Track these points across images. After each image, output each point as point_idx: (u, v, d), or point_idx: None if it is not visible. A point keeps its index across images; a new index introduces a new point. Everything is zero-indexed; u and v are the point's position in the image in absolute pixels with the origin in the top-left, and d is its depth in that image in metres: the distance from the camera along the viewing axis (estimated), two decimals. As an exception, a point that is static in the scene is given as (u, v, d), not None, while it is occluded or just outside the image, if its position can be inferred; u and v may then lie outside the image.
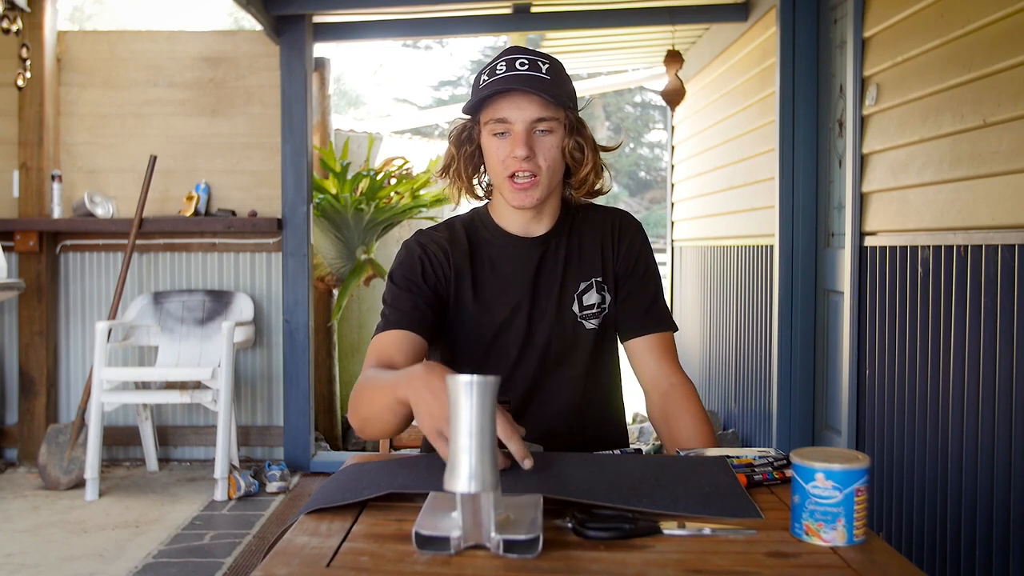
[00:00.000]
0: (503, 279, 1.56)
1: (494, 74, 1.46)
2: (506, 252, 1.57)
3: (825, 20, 3.68)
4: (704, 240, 5.28)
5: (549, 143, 1.47)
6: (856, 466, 0.99)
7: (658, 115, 20.18)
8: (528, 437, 1.52)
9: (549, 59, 1.49)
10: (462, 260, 1.55)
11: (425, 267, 1.53)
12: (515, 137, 1.45)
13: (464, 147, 1.55)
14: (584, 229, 1.61)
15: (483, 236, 1.59)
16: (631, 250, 1.61)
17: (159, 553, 3.10)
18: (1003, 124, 2.23)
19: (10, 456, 4.36)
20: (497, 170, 1.50)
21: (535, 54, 1.49)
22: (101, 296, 4.42)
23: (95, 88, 4.44)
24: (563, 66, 1.52)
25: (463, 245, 1.57)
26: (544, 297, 1.56)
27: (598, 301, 1.58)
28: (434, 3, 4.32)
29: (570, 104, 1.49)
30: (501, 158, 1.48)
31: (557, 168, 1.50)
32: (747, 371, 4.41)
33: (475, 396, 0.93)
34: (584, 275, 1.58)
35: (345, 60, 19.58)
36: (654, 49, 5.52)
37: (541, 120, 1.45)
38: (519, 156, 1.45)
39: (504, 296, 1.55)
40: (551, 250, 1.58)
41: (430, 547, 0.96)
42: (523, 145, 1.44)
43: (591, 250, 1.60)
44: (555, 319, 1.56)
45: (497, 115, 1.46)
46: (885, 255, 2.88)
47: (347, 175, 4.69)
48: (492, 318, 1.55)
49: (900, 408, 2.76)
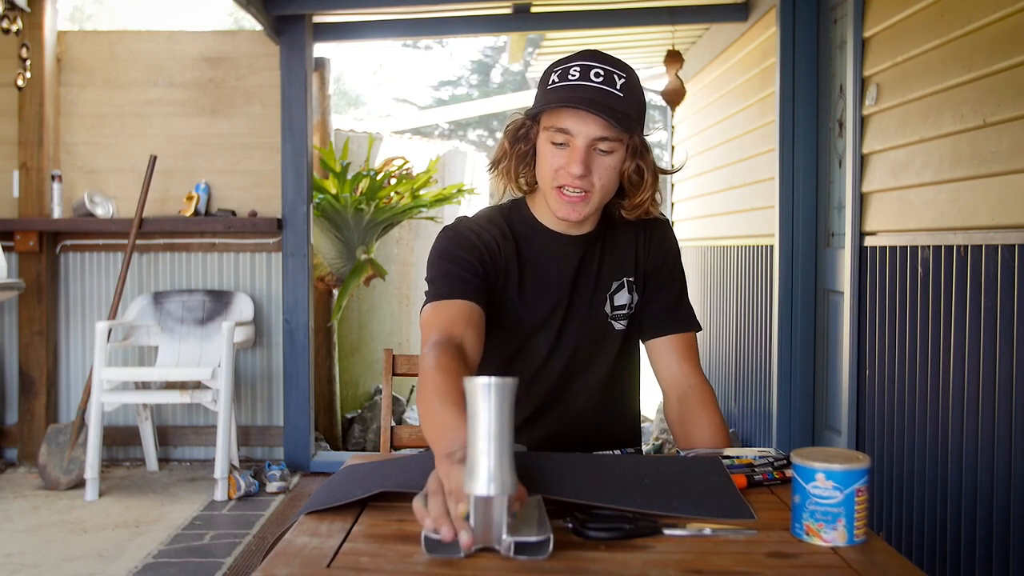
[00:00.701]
0: (545, 277, 1.52)
1: (566, 78, 1.40)
2: (548, 249, 1.53)
3: (825, 20, 3.68)
4: (704, 240, 5.28)
5: (608, 163, 1.42)
6: (856, 466, 0.99)
7: (658, 115, 20.15)
8: (545, 434, 1.52)
9: (627, 72, 1.42)
10: (511, 254, 1.51)
11: (481, 251, 1.47)
12: (574, 152, 1.39)
13: (518, 145, 1.49)
14: (619, 227, 1.57)
15: (524, 232, 1.54)
16: (660, 249, 1.58)
17: (159, 553, 3.09)
18: (1003, 124, 2.23)
19: (10, 456, 4.36)
20: (548, 177, 1.44)
21: (612, 64, 1.42)
22: (101, 296, 4.42)
23: (95, 88, 4.44)
24: (639, 81, 1.45)
25: (510, 239, 1.52)
26: (580, 297, 1.54)
27: (628, 301, 1.56)
28: (434, 3, 4.32)
29: (637, 128, 1.43)
30: (555, 168, 1.42)
31: (611, 189, 1.45)
32: (747, 371, 4.41)
33: (493, 398, 0.92)
34: (617, 274, 1.55)
35: (345, 60, 19.56)
36: (654, 49, 5.52)
37: (604, 140, 1.39)
38: (574, 173, 1.39)
39: (546, 294, 1.52)
40: (591, 250, 1.55)
41: (439, 551, 0.96)
42: (580, 163, 1.39)
43: (625, 249, 1.57)
44: (586, 319, 1.53)
45: (559, 124, 1.40)
46: (885, 255, 2.88)
47: (347, 175, 4.68)
48: (532, 316, 1.51)
49: (900, 408, 2.76)
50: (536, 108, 1.44)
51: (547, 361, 1.53)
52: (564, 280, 1.52)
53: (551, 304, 1.52)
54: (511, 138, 1.50)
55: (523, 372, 1.51)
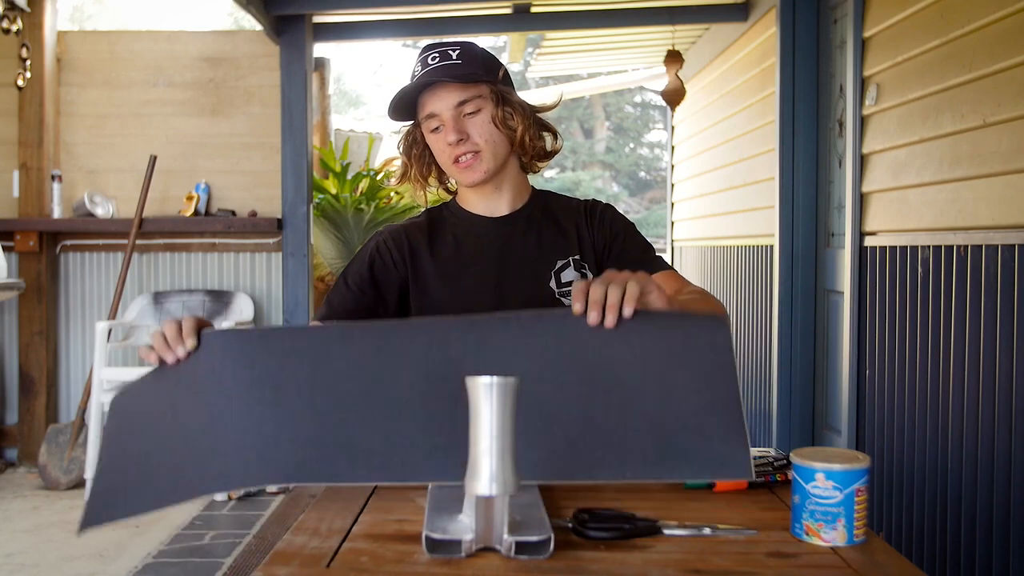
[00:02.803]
0: (466, 255, 1.59)
1: (412, 77, 1.52)
2: (470, 231, 1.61)
3: (825, 20, 3.68)
4: (704, 240, 5.28)
5: (480, 120, 1.51)
6: (856, 466, 0.99)
7: (658, 115, 20.16)
8: None
9: (460, 44, 1.54)
10: (419, 240, 1.59)
11: (375, 260, 1.58)
12: (446, 126, 1.50)
13: (413, 151, 1.61)
14: (558, 212, 1.64)
15: (447, 219, 1.63)
16: (604, 226, 1.62)
17: (159, 553, 3.10)
18: (1003, 124, 2.23)
19: (10, 456, 4.36)
20: (444, 161, 1.56)
21: (444, 44, 1.53)
22: (101, 296, 4.42)
23: (95, 88, 4.44)
24: (475, 45, 1.56)
25: (423, 227, 1.61)
26: (515, 274, 1.58)
27: (577, 278, 1.58)
28: (434, 3, 4.32)
29: (488, 77, 1.52)
30: (441, 149, 1.54)
31: (497, 140, 1.53)
32: (747, 371, 4.41)
33: (495, 398, 0.91)
34: (560, 253, 1.59)
35: (345, 60, 19.57)
36: (654, 49, 5.52)
37: (464, 103, 1.50)
38: (451, 141, 1.50)
39: (467, 271, 1.57)
40: (519, 229, 1.60)
41: (441, 551, 0.95)
42: (453, 131, 1.49)
43: (567, 231, 1.61)
44: (529, 296, 1.56)
45: (425, 112, 1.52)
46: (885, 255, 2.88)
47: (347, 175, 4.69)
48: (456, 292, 1.56)
49: (900, 408, 2.76)
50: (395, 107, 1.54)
51: None
52: (490, 257, 1.58)
53: (475, 280, 1.56)
54: (405, 149, 1.62)
55: None
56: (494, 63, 1.56)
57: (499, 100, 1.53)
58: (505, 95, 1.54)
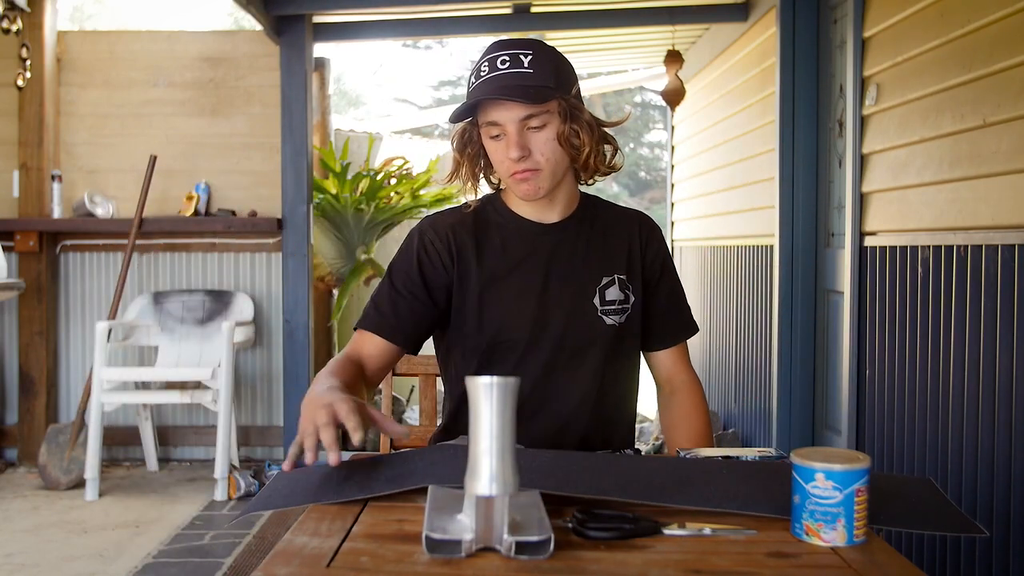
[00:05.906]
0: (512, 260, 1.54)
1: (479, 76, 1.45)
2: (516, 234, 1.55)
3: (825, 20, 3.68)
4: (704, 240, 5.28)
5: (543, 137, 1.45)
6: (856, 466, 0.99)
7: (658, 115, 20.15)
8: (538, 433, 1.50)
9: (533, 48, 1.45)
10: (466, 241, 1.54)
11: (422, 260, 1.54)
12: (509, 139, 1.44)
13: (467, 150, 1.55)
14: (608, 224, 1.59)
15: (493, 218, 1.57)
16: (657, 256, 1.61)
17: (159, 553, 3.10)
18: (1003, 124, 2.23)
19: (10, 456, 4.36)
20: (501, 170, 1.51)
21: (517, 46, 1.45)
22: (101, 296, 4.42)
23: (95, 88, 4.44)
24: (550, 50, 1.48)
25: (469, 226, 1.55)
26: (559, 285, 1.54)
27: (621, 299, 1.56)
28: (434, 3, 4.32)
29: (559, 93, 1.44)
30: (500, 159, 1.48)
31: (557, 158, 1.47)
32: (747, 371, 4.41)
33: (495, 398, 0.91)
34: (607, 270, 1.56)
35: (345, 60, 19.57)
36: (654, 49, 5.52)
37: (530, 117, 1.43)
38: (513, 158, 1.44)
39: (512, 277, 1.53)
40: (568, 238, 1.56)
41: (441, 551, 0.95)
42: (516, 146, 1.43)
43: (617, 246, 1.58)
44: (572, 309, 1.53)
45: (487, 119, 1.45)
46: (885, 255, 2.88)
47: (347, 175, 4.68)
48: (498, 298, 1.52)
49: (900, 408, 2.76)
50: (459, 110, 1.48)
51: (529, 347, 1.52)
52: (536, 264, 1.54)
53: (519, 287, 1.53)
54: (459, 147, 1.56)
55: (507, 358, 1.53)
56: (567, 75, 1.48)
57: (567, 116, 1.46)
58: (575, 111, 1.47)
